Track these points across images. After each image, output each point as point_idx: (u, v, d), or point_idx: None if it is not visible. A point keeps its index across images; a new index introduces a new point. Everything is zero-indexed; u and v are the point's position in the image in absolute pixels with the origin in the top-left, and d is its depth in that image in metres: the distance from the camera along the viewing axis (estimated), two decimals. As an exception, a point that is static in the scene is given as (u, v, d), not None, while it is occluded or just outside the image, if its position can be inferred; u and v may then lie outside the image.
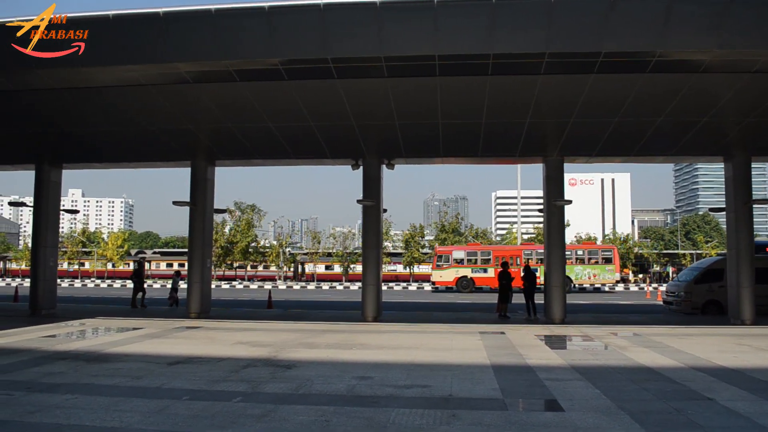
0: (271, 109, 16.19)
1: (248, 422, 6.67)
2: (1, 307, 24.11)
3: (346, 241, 64.92)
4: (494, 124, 16.58)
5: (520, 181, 55.98)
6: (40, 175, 21.12)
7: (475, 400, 7.85)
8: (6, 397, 7.88)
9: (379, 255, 19.86)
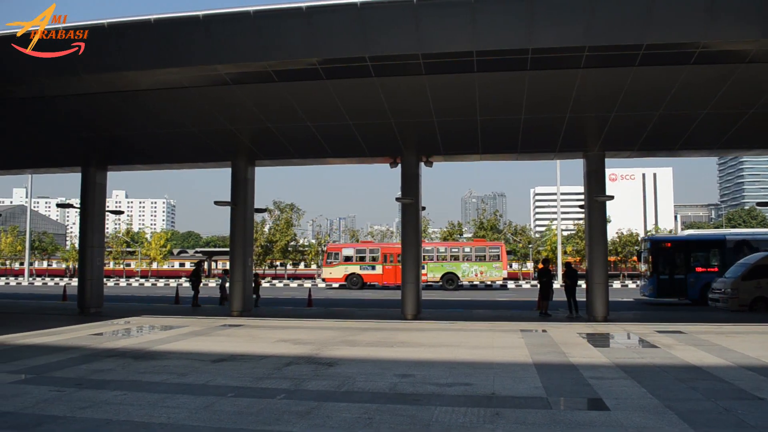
0: (309, 108, 16.31)
1: (292, 419, 6.74)
2: (51, 306, 24.80)
3: (384, 240, 65.08)
4: (533, 120, 16.41)
5: (559, 176, 55.17)
6: (87, 177, 21.68)
7: (518, 398, 7.79)
8: (58, 393, 8.11)
9: (419, 253, 19.84)
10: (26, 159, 23.39)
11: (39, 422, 6.65)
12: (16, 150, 21.87)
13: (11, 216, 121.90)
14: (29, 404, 7.50)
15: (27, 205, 66.75)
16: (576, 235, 65.29)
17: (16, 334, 14.72)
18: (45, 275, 69.70)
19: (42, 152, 21.79)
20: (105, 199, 23.09)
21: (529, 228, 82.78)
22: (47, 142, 20.26)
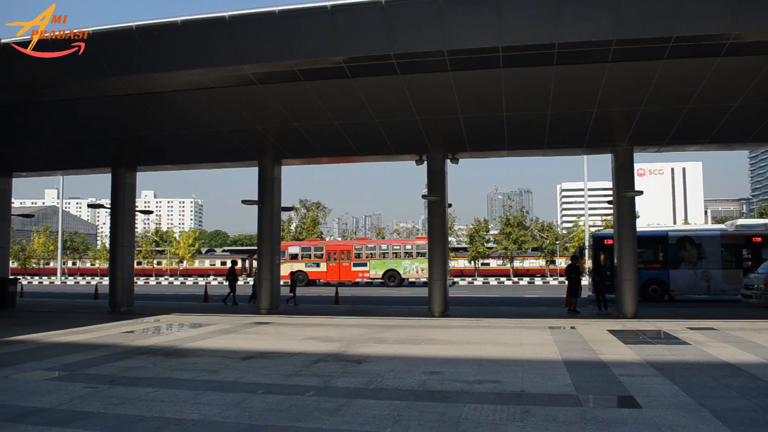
0: (335, 107, 16.36)
1: (322, 416, 6.77)
2: (83, 305, 25.24)
3: (410, 237, 65.09)
4: (560, 115, 16.27)
5: (586, 172, 54.62)
6: (117, 178, 22.03)
7: (548, 396, 7.73)
8: (91, 390, 8.24)
9: (445, 250, 19.79)
10: (58, 161, 23.84)
11: (73, 418, 6.77)
12: (48, 152, 22.29)
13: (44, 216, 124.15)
14: (64, 401, 7.63)
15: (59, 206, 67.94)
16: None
17: (50, 332, 15.01)
18: (77, 274, 70.93)
19: (73, 154, 22.18)
20: (135, 199, 23.42)
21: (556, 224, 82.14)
22: (78, 144, 20.61)
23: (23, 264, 73.42)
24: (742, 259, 25.95)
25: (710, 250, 25.62)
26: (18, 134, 20.44)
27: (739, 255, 26.17)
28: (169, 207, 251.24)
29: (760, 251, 25.50)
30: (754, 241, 25.70)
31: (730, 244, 26.26)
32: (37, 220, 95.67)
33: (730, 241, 26.28)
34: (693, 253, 25.84)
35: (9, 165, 24.28)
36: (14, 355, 11.46)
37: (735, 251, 26.31)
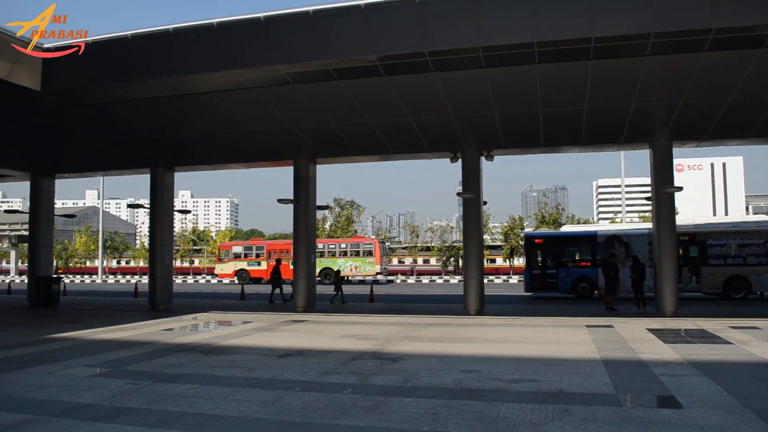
0: (369, 105, 16.39)
1: (359, 414, 6.80)
2: (124, 303, 25.75)
3: (444, 235, 64.89)
4: (597, 110, 16.04)
5: (623, 168, 53.71)
6: (155, 178, 22.41)
7: (587, 395, 7.64)
8: (133, 386, 8.42)
9: (481, 248, 19.69)
10: (98, 162, 24.38)
11: (116, 414, 6.92)
12: (88, 154, 22.81)
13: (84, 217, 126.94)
14: (107, 396, 7.81)
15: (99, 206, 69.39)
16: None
17: (93, 330, 15.36)
18: (117, 273, 72.35)
19: (112, 155, 22.65)
20: (173, 199, 23.80)
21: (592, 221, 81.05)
22: (117, 146, 21.04)
23: (66, 263, 75.10)
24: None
25: (639, 249, 25.42)
26: (60, 137, 20.98)
27: None
28: (206, 206, 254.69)
29: (688, 249, 25.83)
30: (681, 239, 25.20)
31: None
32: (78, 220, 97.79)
33: None
34: (621, 252, 25.96)
35: (52, 167, 24.94)
36: (59, 352, 11.76)
37: None
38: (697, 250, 25.78)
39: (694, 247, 25.87)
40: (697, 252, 25.75)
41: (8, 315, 20.97)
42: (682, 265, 24.52)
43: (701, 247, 25.70)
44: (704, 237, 25.76)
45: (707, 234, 25.80)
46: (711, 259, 25.22)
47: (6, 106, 17.38)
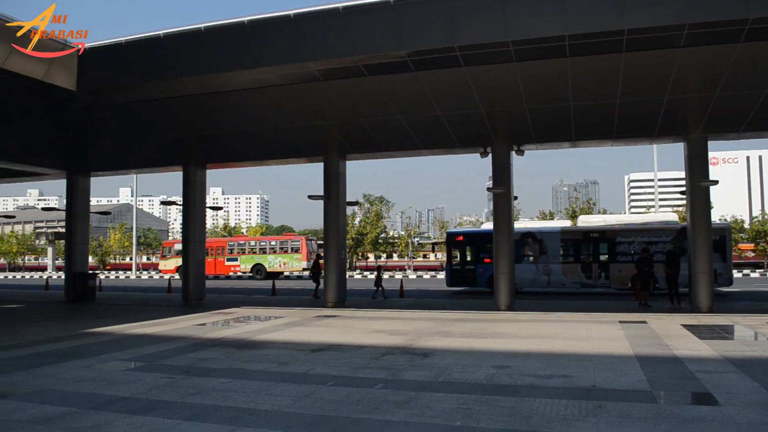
0: (399, 101, 16.39)
1: (391, 408, 6.82)
2: (158, 298, 26.18)
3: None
4: (630, 104, 15.81)
5: (656, 161, 52.87)
6: (188, 175, 22.71)
7: (620, 391, 7.55)
8: (169, 380, 8.56)
9: (511, 243, 19.56)
10: (132, 160, 24.79)
11: (152, 407, 7.04)
12: (122, 152, 23.20)
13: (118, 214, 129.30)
14: (143, 390, 7.95)
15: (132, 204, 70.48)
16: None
17: (128, 324, 15.64)
18: (150, 269, 73.45)
19: (146, 153, 23.03)
20: (205, 196, 24.08)
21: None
22: (150, 144, 21.39)
23: (101, 259, 76.48)
24: (581, 254, 27.34)
25: (551, 246, 27.43)
26: (95, 135, 21.38)
27: (578, 250, 27.52)
28: (236, 203, 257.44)
29: (598, 246, 27.14)
30: (591, 236, 27.24)
31: (570, 240, 27.82)
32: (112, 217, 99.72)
33: (569, 237, 27.89)
34: (535, 249, 27.61)
35: (87, 165, 25.43)
36: (96, 347, 12.01)
37: (574, 246, 27.71)
38: (607, 247, 26.99)
39: (603, 244, 27.07)
40: (607, 249, 26.97)
41: (46, 310, 21.46)
42: (592, 261, 26.77)
43: (610, 245, 26.88)
44: (613, 235, 26.89)
45: (616, 232, 26.89)
46: (619, 256, 26.36)
47: (43, 106, 17.77)
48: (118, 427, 6.24)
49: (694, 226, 18.10)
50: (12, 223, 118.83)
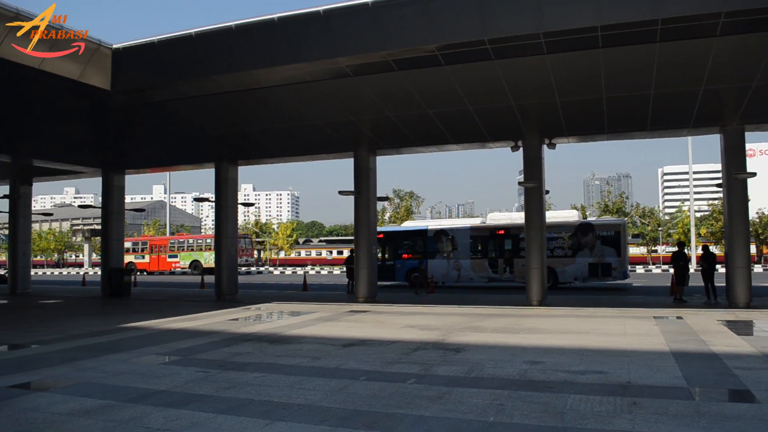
0: (429, 95, 16.33)
1: (424, 404, 6.82)
2: (191, 294, 26.54)
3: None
4: (664, 95, 15.52)
5: (691, 154, 51.91)
6: (220, 172, 22.98)
7: (656, 388, 7.44)
8: (204, 374, 8.67)
9: (543, 237, 19.42)
10: (165, 158, 25.16)
11: (188, 400, 7.14)
12: (155, 150, 23.55)
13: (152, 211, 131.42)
14: (178, 384, 8.07)
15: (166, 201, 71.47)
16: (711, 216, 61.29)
17: (163, 319, 15.90)
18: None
19: (178, 151, 23.34)
20: (237, 193, 24.34)
21: (658, 210, 78.69)
22: (183, 141, 21.67)
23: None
24: (488, 250, 29.16)
25: (461, 242, 29.55)
26: (129, 134, 21.72)
27: (486, 246, 29.29)
28: (267, 199, 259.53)
29: (503, 242, 28.98)
30: (498, 233, 29.02)
31: (478, 237, 29.68)
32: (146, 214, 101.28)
33: (477, 234, 29.72)
34: (447, 245, 29.71)
35: (122, 163, 25.88)
36: (132, 341, 12.23)
37: (482, 243, 29.54)
38: (511, 243, 28.70)
39: (508, 240, 28.88)
40: (511, 245, 28.73)
41: (84, 305, 21.91)
42: (498, 257, 28.74)
43: (514, 241, 28.37)
44: (517, 231, 27.78)
45: (519, 229, 26.82)
46: (523, 252, 25.97)
47: (79, 106, 18.11)
48: (155, 420, 6.35)
49: (732, 220, 17.73)
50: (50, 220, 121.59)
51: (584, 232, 27.51)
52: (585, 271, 27.05)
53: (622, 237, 27.27)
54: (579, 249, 27.40)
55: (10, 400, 7.32)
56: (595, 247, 27.04)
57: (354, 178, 21.20)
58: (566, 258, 27.36)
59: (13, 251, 28.66)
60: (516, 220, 29.44)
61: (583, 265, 27.14)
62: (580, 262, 27.25)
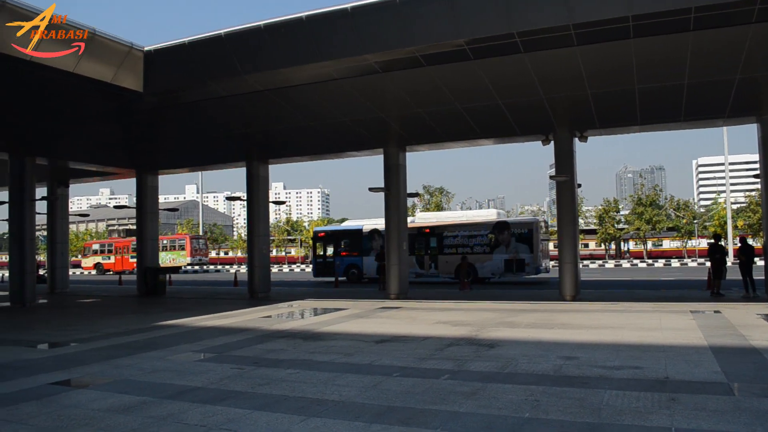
0: (458, 90, 16.25)
1: (458, 399, 6.80)
2: (224, 292, 26.84)
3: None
4: (698, 84, 15.21)
5: (727, 144, 50.83)
6: (251, 171, 23.18)
7: (695, 383, 7.30)
8: (238, 371, 8.76)
9: (576, 232, 19.20)
10: (197, 157, 25.44)
11: (224, 397, 7.23)
12: (187, 150, 23.85)
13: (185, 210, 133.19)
14: (214, 380, 8.17)
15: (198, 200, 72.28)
16: (748, 208, 59.91)
17: (197, 317, 16.11)
18: (216, 263, 75.36)
19: (210, 151, 23.60)
20: (268, 191, 24.52)
21: (692, 202, 77.28)
22: (214, 141, 21.90)
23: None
24: (415, 248, 30.66)
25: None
26: (161, 135, 22.03)
27: (413, 244, 30.05)
28: (298, 197, 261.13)
29: (429, 240, 30.84)
30: (425, 232, 30.67)
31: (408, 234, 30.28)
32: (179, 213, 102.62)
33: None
34: (379, 243, 30.49)
35: (155, 163, 26.27)
36: (168, 338, 12.42)
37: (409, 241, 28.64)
38: (436, 241, 30.57)
39: (434, 238, 30.69)
40: (436, 243, 30.56)
41: (120, 303, 22.31)
42: (424, 254, 30.60)
43: (439, 239, 30.51)
44: (441, 230, 30.59)
45: (443, 227, 30.60)
46: (446, 249, 30.09)
47: (113, 108, 18.41)
48: (192, 416, 6.44)
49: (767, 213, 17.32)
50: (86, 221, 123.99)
51: (500, 230, 29.57)
52: (501, 266, 29.19)
53: (535, 235, 28.69)
54: (496, 246, 29.43)
55: (51, 397, 7.50)
56: (511, 245, 29.09)
57: (384, 175, 21.21)
58: (485, 255, 29.41)
59: (52, 251, 29.29)
60: (442, 220, 32.07)
61: (499, 261, 29.19)
62: (497, 258, 29.31)
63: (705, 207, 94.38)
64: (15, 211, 22.79)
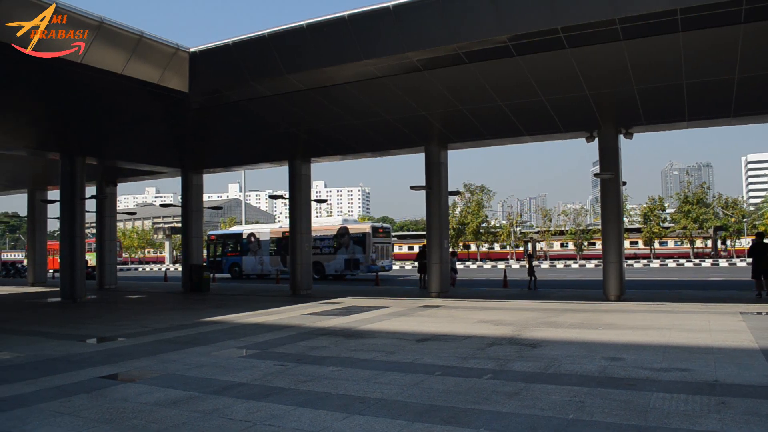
0: (501, 87, 16.10)
1: (501, 399, 6.75)
2: (266, 289, 27.15)
3: (578, 218, 62.79)
4: (750, 78, 14.75)
5: (779, 141, 49.15)
6: (293, 169, 23.42)
7: (746, 387, 7.10)
8: (281, 368, 8.86)
9: (620, 230, 18.82)
10: (240, 156, 25.79)
11: (268, 393, 7.32)
12: (231, 149, 24.20)
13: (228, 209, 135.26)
14: (258, 377, 8.28)
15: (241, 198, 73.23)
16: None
17: (241, 314, 16.34)
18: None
19: (253, 149, 23.89)
20: (310, 190, 24.74)
21: (741, 200, 75.06)
22: (257, 140, 22.18)
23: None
24: (280, 249, 37.41)
25: (264, 243, 38.91)
26: (206, 135, 22.39)
27: (278, 246, 37.74)
28: (339, 196, 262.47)
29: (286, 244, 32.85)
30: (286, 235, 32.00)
31: (275, 238, 38.39)
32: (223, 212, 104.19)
33: (274, 236, 38.51)
34: (255, 245, 39.17)
35: (200, 163, 26.72)
36: (213, 334, 12.63)
37: (277, 243, 38.12)
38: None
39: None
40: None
41: (166, 300, 22.76)
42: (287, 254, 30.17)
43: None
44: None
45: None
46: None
47: (160, 109, 18.79)
48: (237, 412, 6.53)
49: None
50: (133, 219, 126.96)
51: (342, 235, 35.55)
52: (342, 265, 35.19)
53: (368, 239, 34.65)
54: (339, 248, 35.54)
55: (100, 390, 7.70)
56: (349, 247, 35.15)
57: (425, 173, 21.16)
58: (330, 255, 35.60)
59: (101, 249, 30.08)
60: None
61: (341, 260, 35.31)
62: (339, 258, 35.47)
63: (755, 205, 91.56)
64: (66, 209, 23.44)
